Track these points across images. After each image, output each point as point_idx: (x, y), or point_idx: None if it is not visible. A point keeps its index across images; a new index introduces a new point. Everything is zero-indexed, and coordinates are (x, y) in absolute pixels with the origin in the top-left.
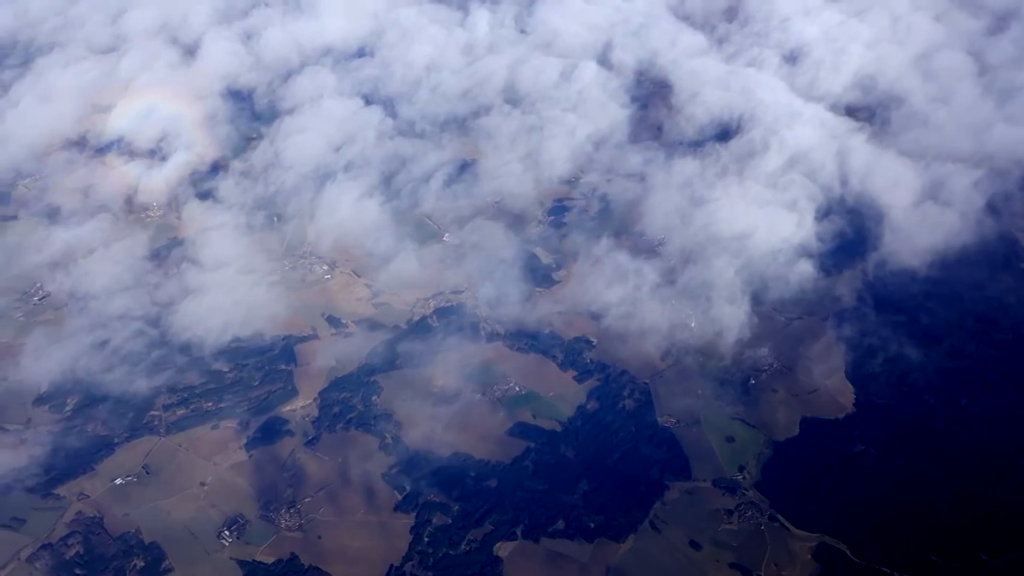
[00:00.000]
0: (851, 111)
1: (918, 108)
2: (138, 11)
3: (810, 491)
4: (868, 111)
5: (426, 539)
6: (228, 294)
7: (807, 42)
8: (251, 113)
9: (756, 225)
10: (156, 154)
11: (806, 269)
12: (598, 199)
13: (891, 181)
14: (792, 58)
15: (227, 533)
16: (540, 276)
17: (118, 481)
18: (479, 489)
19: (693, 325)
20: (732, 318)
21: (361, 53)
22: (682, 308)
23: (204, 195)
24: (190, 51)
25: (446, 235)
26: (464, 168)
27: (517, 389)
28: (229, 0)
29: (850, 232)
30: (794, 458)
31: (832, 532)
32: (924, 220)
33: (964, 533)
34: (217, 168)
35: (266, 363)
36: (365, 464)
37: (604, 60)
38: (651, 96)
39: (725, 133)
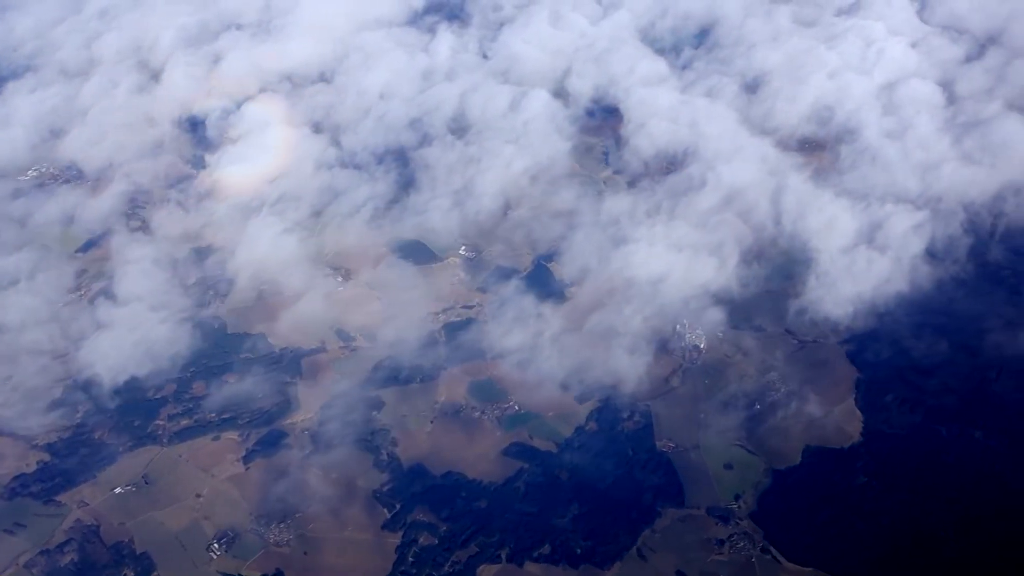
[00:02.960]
0: (803, 145)
1: (870, 143)
2: (112, 35)
3: (806, 523)
4: (820, 145)
5: (410, 559)
6: (132, 330)
7: (769, 70)
8: (200, 141)
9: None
10: (99, 182)
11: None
12: None
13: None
14: (752, 87)
15: (216, 546)
16: (552, 293)
17: (117, 490)
18: (468, 509)
19: (702, 346)
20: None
21: (322, 78)
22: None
23: (137, 226)
24: (156, 76)
25: (462, 248)
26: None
27: (516, 408)
28: (202, 23)
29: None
30: (793, 488)
31: (825, 567)
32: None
33: (965, 571)
34: (153, 198)
35: (272, 375)
36: (358, 480)
37: (560, 88)
38: (599, 127)
39: (668, 167)
